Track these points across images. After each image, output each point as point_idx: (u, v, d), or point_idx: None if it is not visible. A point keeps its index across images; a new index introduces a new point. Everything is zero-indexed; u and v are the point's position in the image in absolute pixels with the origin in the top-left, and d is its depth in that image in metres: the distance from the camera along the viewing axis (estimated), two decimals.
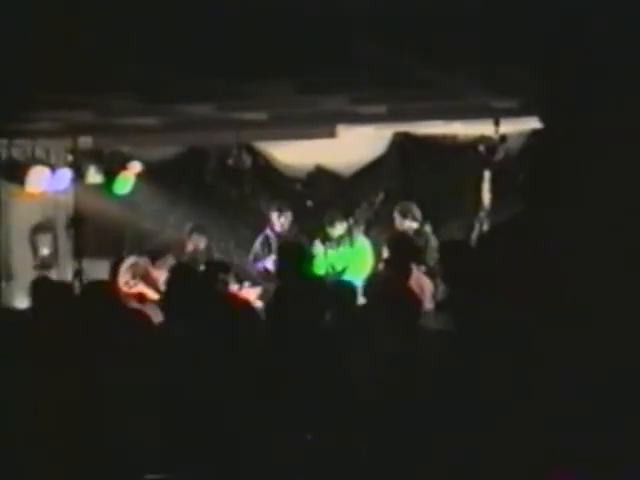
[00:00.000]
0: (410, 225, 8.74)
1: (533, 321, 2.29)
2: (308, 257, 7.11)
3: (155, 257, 8.93)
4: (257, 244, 9.45)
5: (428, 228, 8.85)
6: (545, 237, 2.38)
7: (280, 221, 9.37)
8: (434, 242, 8.60)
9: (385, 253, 7.99)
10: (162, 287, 7.95)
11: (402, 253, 7.31)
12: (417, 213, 8.80)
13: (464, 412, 2.49)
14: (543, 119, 2.51)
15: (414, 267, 7.16)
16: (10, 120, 8.26)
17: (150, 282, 8.61)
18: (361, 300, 6.26)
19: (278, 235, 9.31)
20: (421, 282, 6.92)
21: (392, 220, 8.94)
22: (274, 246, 9.02)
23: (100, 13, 3.99)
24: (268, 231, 9.42)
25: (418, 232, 8.72)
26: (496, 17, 3.95)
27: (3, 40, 4.48)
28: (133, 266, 8.71)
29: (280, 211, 9.44)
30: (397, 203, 9.19)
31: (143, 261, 8.86)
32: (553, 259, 2.32)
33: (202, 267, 8.17)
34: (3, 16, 4.00)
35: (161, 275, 8.39)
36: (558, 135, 2.48)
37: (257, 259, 9.35)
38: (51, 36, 4.33)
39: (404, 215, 8.80)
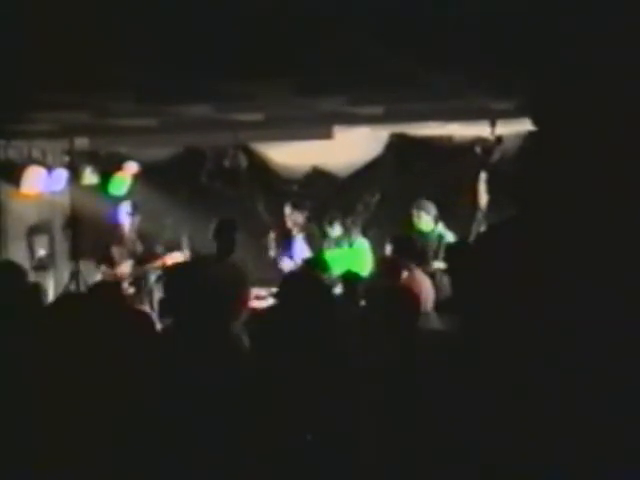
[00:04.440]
0: (427, 223, 8.68)
1: (532, 321, 2.29)
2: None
3: None
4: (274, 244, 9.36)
5: (441, 227, 8.81)
6: (542, 238, 2.38)
7: (292, 217, 9.30)
8: (453, 239, 8.57)
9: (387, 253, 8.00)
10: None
11: (401, 253, 7.32)
12: (433, 212, 8.75)
13: (464, 413, 2.49)
14: (535, 121, 2.51)
15: (416, 268, 7.17)
16: (6, 121, 8.24)
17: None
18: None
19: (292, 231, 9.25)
20: (422, 283, 6.92)
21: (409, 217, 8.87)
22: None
23: (97, 13, 3.98)
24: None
25: (432, 231, 8.70)
26: (494, 18, 3.95)
27: None
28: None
29: (295, 207, 9.35)
30: (393, 204, 9.20)
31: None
32: (551, 260, 2.32)
33: None
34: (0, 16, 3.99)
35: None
36: (553, 136, 2.48)
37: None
38: (47, 36, 4.32)
39: (426, 212, 8.73)
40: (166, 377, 4.00)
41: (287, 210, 9.33)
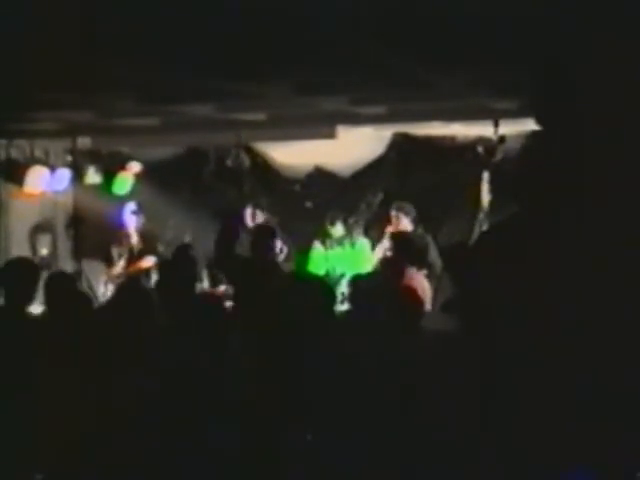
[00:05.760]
0: (406, 225, 8.72)
1: (533, 321, 2.29)
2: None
3: None
4: None
5: (421, 230, 8.84)
6: (544, 237, 2.38)
7: (254, 219, 9.26)
8: (432, 243, 8.59)
9: (380, 252, 7.99)
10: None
11: (402, 253, 7.31)
12: (413, 214, 8.79)
13: (465, 413, 2.50)
14: (539, 120, 2.51)
15: (413, 269, 7.17)
16: (9, 120, 8.26)
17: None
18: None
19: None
20: (420, 284, 6.92)
21: (388, 219, 8.90)
22: None
23: (99, 13, 3.99)
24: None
25: (412, 233, 8.71)
26: (495, 18, 3.95)
27: (2, 40, 4.49)
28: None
29: (256, 208, 9.33)
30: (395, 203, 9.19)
31: None
32: (552, 259, 2.32)
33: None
34: (2, 16, 4.00)
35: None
36: (555, 136, 2.48)
37: None
38: (50, 36, 4.33)
39: (405, 214, 8.77)
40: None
41: (248, 209, 9.34)
